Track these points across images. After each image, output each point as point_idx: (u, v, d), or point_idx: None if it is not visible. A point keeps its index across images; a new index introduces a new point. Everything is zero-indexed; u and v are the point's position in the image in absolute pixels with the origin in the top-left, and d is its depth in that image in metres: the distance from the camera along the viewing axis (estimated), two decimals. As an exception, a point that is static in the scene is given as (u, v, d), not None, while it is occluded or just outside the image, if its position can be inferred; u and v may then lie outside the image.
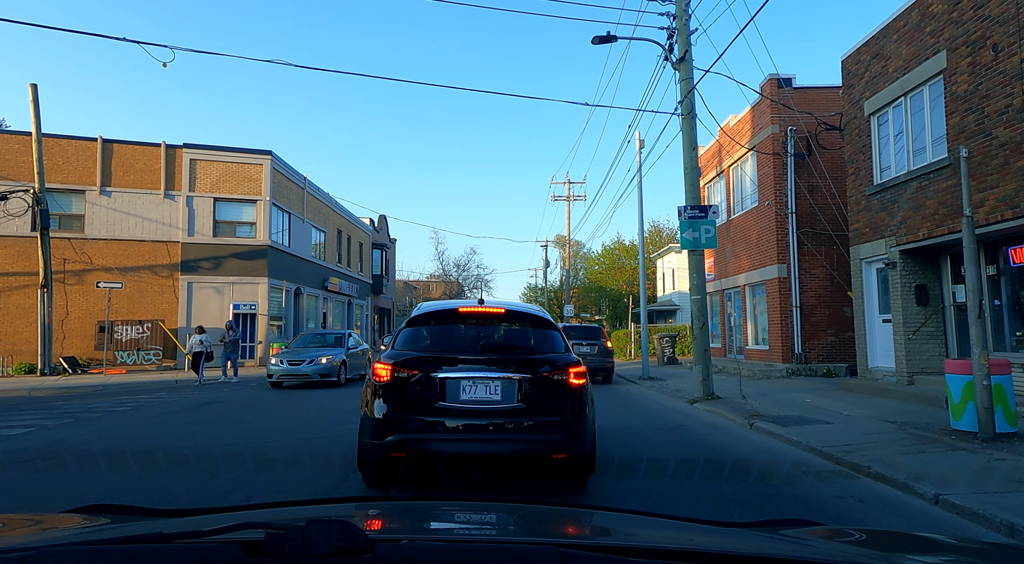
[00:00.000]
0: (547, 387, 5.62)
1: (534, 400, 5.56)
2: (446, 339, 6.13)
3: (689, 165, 14.27)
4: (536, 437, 5.52)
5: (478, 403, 5.50)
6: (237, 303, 25.24)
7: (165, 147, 24.95)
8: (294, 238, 29.63)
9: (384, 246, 48.30)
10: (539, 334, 6.25)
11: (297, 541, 1.10)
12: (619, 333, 33.79)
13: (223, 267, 25.61)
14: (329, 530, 1.11)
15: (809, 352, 17.67)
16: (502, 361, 5.66)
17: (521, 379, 5.57)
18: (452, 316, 6.26)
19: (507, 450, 5.60)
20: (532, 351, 6.02)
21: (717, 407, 12.35)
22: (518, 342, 6.24)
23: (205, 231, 25.41)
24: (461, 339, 6.14)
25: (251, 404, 13.55)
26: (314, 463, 7.38)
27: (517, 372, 5.59)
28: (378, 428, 5.49)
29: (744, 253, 20.34)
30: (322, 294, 33.79)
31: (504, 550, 1.25)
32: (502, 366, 5.62)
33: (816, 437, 8.51)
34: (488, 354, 5.72)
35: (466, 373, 5.54)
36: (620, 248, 59.35)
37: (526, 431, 5.49)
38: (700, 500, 5.77)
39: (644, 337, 20.42)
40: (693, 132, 14.28)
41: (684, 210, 14.11)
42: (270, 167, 26.43)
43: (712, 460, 7.58)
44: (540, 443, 5.54)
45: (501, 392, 5.54)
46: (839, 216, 17.63)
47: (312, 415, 11.72)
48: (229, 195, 25.88)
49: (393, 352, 5.80)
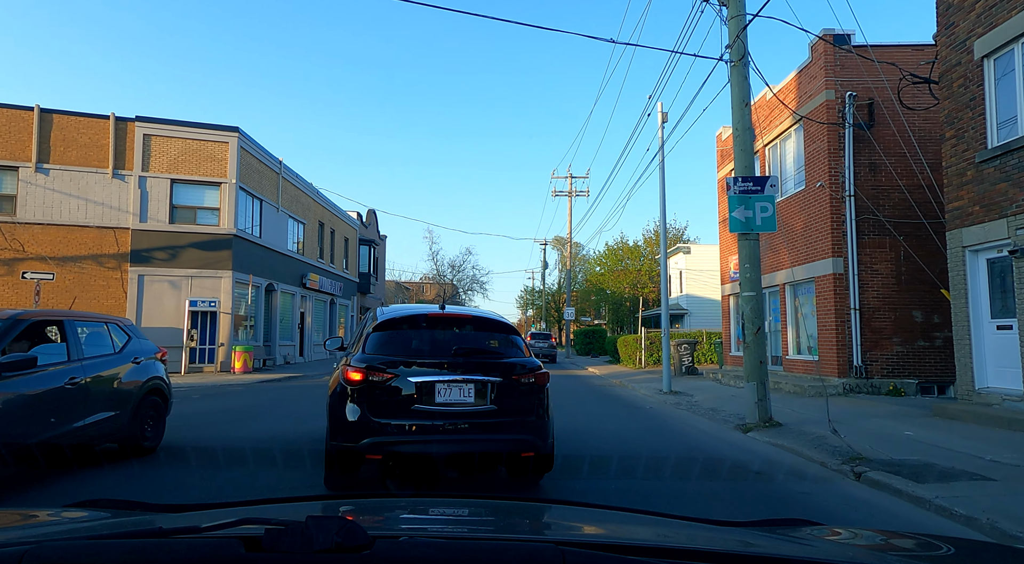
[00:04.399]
0: (516, 389, 5.90)
1: (505, 402, 5.81)
2: (416, 344, 6.15)
3: (740, 125, 11.19)
4: (508, 437, 5.78)
5: (453, 405, 5.69)
6: (194, 300, 22.04)
7: (114, 120, 21.77)
8: (267, 228, 26.46)
9: (372, 242, 45.13)
10: (503, 339, 6.41)
11: (296, 537, 1.10)
12: (627, 339, 30.63)
13: (181, 258, 22.42)
14: (328, 526, 1.10)
15: (870, 365, 14.56)
16: (474, 365, 5.85)
17: (492, 382, 5.79)
18: (420, 321, 6.32)
19: (482, 449, 5.76)
20: (500, 355, 6.18)
21: (783, 439, 9.23)
22: (486, 346, 6.30)
23: (160, 217, 22.22)
24: (431, 344, 6.14)
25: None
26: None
27: (488, 375, 5.80)
28: (352, 431, 5.57)
29: (784, 246, 17.25)
30: (299, 292, 30.60)
31: (503, 547, 1.23)
32: (474, 370, 5.81)
33: (992, 506, 5.39)
34: (461, 358, 5.88)
35: (441, 376, 5.70)
36: (624, 248, 56.27)
37: (499, 431, 5.75)
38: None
39: (666, 344, 17.32)
40: (745, 84, 11.21)
41: (733, 183, 11.03)
42: (237, 146, 23.27)
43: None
44: (512, 442, 5.82)
45: (474, 394, 5.75)
46: (909, 200, 14.54)
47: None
48: (189, 176, 22.70)
49: (364, 356, 5.82)
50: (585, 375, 25.60)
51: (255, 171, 25.22)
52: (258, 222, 25.74)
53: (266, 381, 19.55)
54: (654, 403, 15.22)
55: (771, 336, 18.82)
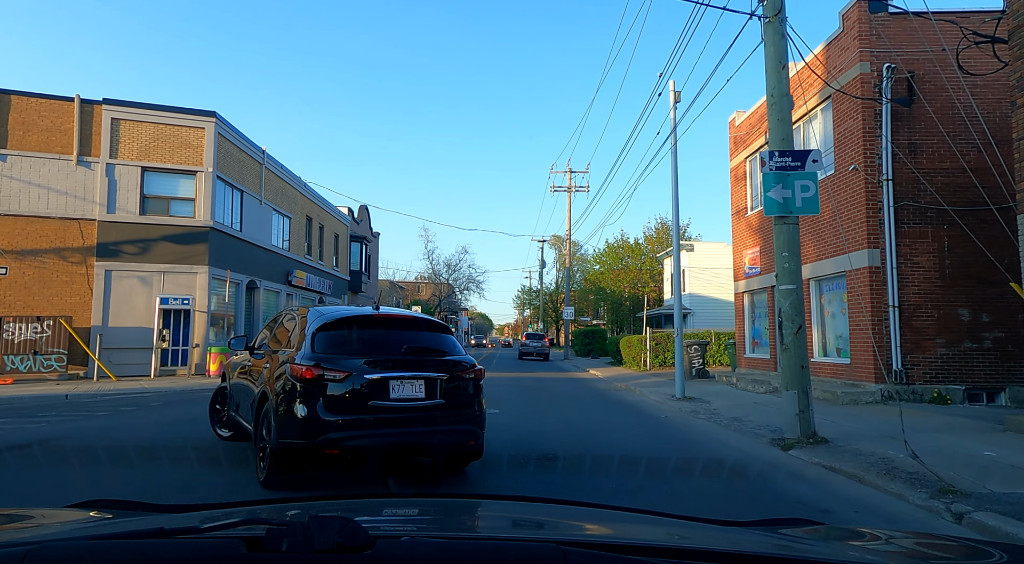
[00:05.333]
0: (460, 385, 6.36)
1: (451, 396, 6.24)
2: (365, 343, 6.32)
3: (777, 91, 9.63)
4: (456, 428, 6.23)
5: (406, 400, 5.98)
6: (165, 297, 20.39)
7: (79, 102, 20.11)
8: (248, 221, 24.83)
9: (364, 239, 43.49)
10: (442, 338, 6.71)
11: (298, 537, 1.09)
12: (631, 339, 29.03)
13: (152, 252, 20.77)
14: (330, 526, 1.10)
15: (911, 369, 13.00)
16: (423, 362, 6.21)
17: (440, 378, 6.19)
18: (366, 322, 6.53)
19: (434, 441, 6.08)
20: (445, 352, 6.50)
21: (837, 461, 7.66)
22: (432, 345, 6.52)
23: (130, 207, 20.56)
24: (379, 343, 6.33)
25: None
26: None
27: (437, 372, 6.19)
28: (308, 428, 5.65)
29: (810, 237, 15.69)
30: (285, 289, 28.97)
31: (504, 547, 1.23)
32: (424, 367, 6.16)
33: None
34: (411, 356, 6.19)
35: (394, 374, 5.97)
36: (625, 246, 54.64)
37: (448, 423, 6.16)
38: None
39: (679, 346, 15.73)
40: (782, 43, 9.66)
41: (769, 158, 9.46)
42: (214, 132, 21.63)
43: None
44: (460, 433, 6.25)
45: (425, 390, 6.09)
46: (955, 184, 13.01)
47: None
48: (161, 164, 21.05)
49: (316, 355, 5.94)
50: (587, 378, 24.02)
51: (235, 160, 23.58)
52: (238, 215, 24.11)
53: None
54: (668, 411, 13.64)
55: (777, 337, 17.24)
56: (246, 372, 7.47)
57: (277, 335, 7.17)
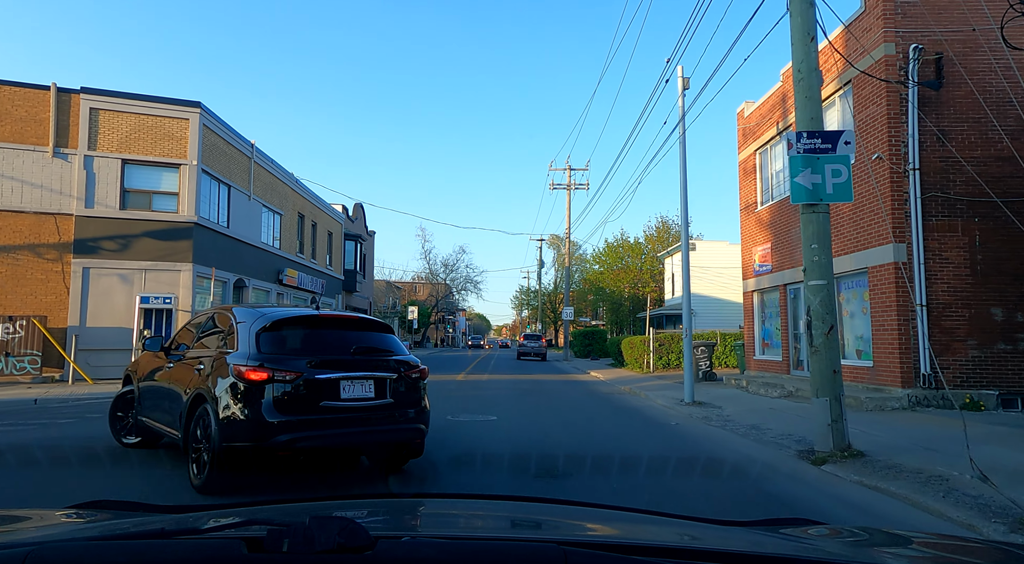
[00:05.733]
0: (407, 384, 6.47)
1: (400, 395, 6.35)
2: (312, 343, 6.24)
3: (805, 66, 8.70)
4: (405, 426, 6.37)
5: (357, 400, 6.03)
6: (147, 296, 19.41)
7: (56, 91, 19.13)
8: (236, 217, 23.86)
9: (359, 237, 42.52)
10: (389, 339, 6.80)
11: (299, 538, 1.09)
12: (633, 340, 28.07)
13: (133, 249, 19.80)
14: (330, 527, 1.10)
15: (940, 372, 12.07)
16: (373, 363, 6.29)
17: (390, 378, 6.30)
18: (311, 321, 6.57)
19: (386, 439, 6.31)
20: (392, 352, 6.61)
21: (882, 480, 6.73)
22: (379, 345, 6.59)
23: (109, 202, 19.59)
24: (327, 343, 6.28)
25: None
26: None
27: (386, 372, 6.30)
28: (257, 429, 5.58)
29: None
30: (275, 288, 28.00)
31: (505, 547, 1.23)
32: (373, 367, 6.25)
33: None
34: (360, 356, 6.25)
35: (345, 374, 5.99)
36: (624, 245, 53.69)
37: (398, 422, 6.29)
38: None
39: (688, 347, 14.78)
40: (810, 12, 8.73)
41: (796, 139, 8.53)
42: (199, 123, 20.66)
43: None
44: (408, 432, 6.41)
45: (375, 390, 6.17)
46: (988, 174, 12.10)
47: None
48: (143, 156, 20.07)
49: (263, 355, 5.85)
50: (588, 380, 23.07)
51: (221, 153, 22.61)
52: (225, 210, 23.13)
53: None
54: (678, 417, 12.71)
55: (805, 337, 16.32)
56: (166, 375, 7.20)
57: (204, 336, 6.98)
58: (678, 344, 26.04)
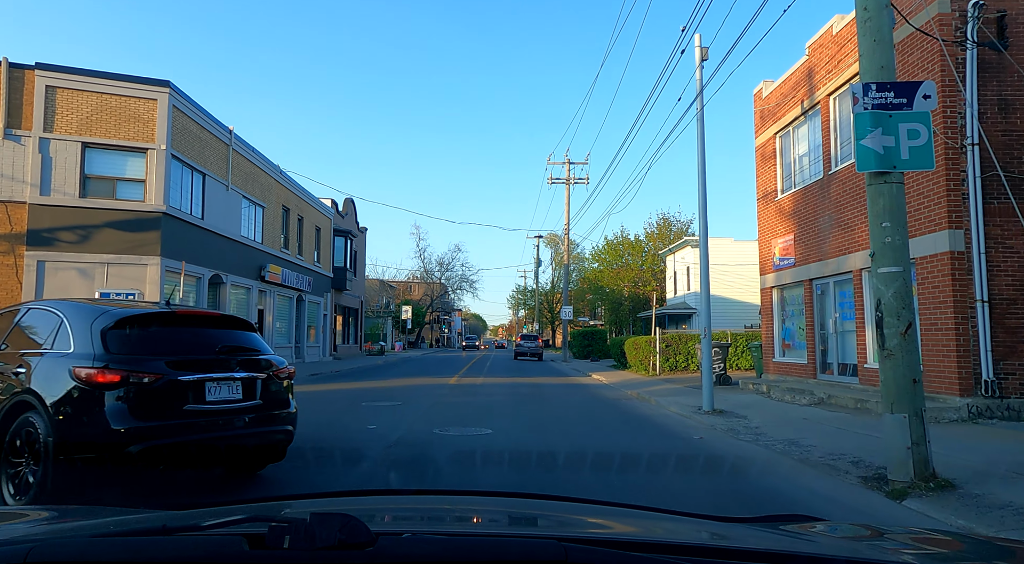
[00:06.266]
0: (276, 385, 6.23)
1: (269, 397, 6.09)
2: (170, 341, 5.80)
3: (873, 2, 7.04)
4: (276, 428, 6.14)
5: (224, 403, 5.68)
6: (107, 292, 17.70)
7: (7, 66, 17.41)
8: (212, 209, 22.15)
9: (350, 234, 40.82)
10: (253, 337, 6.45)
11: (299, 534, 1.09)
12: (637, 341, 26.41)
13: (95, 240, 18.09)
14: (331, 523, 1.10)
15: (1005, 379, 10.46)
16: (240, 363, 5.92)
17: (259, 378, 6.00)
18: (167, 319, 6.06)
19: (255, 442, 5.99)
20: (258, 352, 6.28)
21: (994, 523, 5.09)
22: (244, 344, 6.23)
23: (68, 189, 17.87)
24: (186, 342, 5.88)
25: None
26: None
27: (254, 372, 5.98)
28: (105, 439, 5.10)
29: (863, 220, 13.17)
30: (257, 285, 26.29)
31: (506, 543, 1.23)
32: (241, 367, 5.89)
33: None
34: (225, 356, 5.86)
35: (210, 375, 5.64)
36: (625, 243, 52.06)
37: (267, 424, 6.03)
38: None
39: (707, 350, 13.13)
40: (878, -63, 7.08)
41: (863, 93, 6.88)
42: (168, 104, 18.96)
43: None
44: (278, 433, 6.18)
45: (243, 391, 5.85)
46: (1060, 148, 10.48)
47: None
48: (106, 140, 18.36)
49: (110, 355, 5.34)
50: (591, 384, 21.42)
51: (195, 138, 20.89)
52: (200, 200, 21.42)
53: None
54: (699, 429, 11.07)
55: (839, 338, 14.71)
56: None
57: (19, 333, 6.23)
58: (686, 345, 24.42)
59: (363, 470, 7.22)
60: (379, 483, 6.56)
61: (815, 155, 15.38)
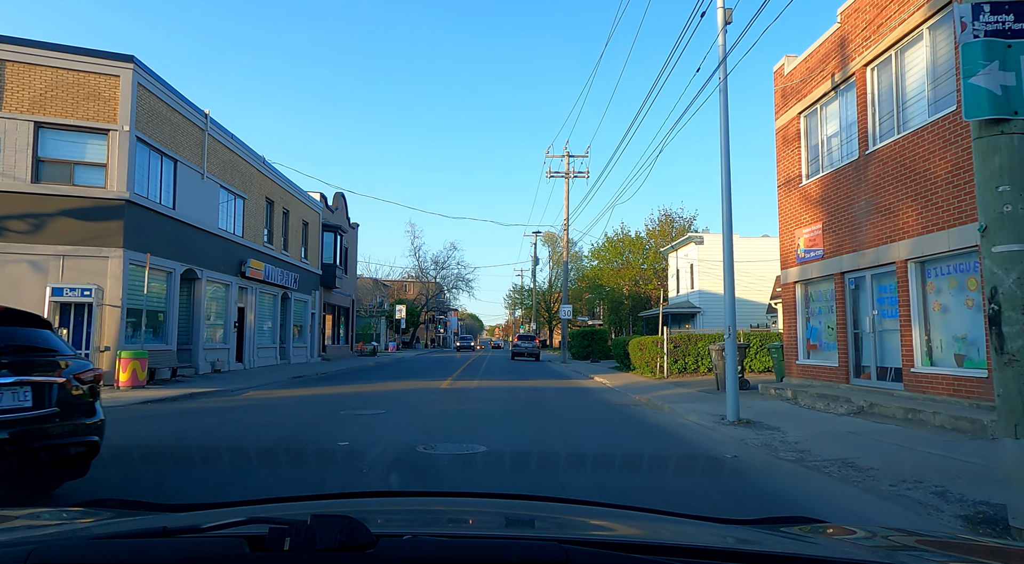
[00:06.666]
0: (78, 390, 5.56)
1: (67, 404, 5.42)
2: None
3: (981, -100, 5.42)
4: (76, 440, 5.44)
5: (11, 412, 4.98)
6: (59, 287, 16.02)
7: (-49, 36, 15.74)
8: (185, 198, 20.48)
9: (340, 229, 39.16)
10: (47, 335, 5.73)
11: (300, 536, 1.08)
12: (643, 341, 24.78)
13: (49, 230, 16.42)
14: (332, 525, 1.09)
15: (1092, 386, 8.84)
16: (28, 364, 5.22)
17: (54, 383, 5.33)
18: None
19: (50, 458, 5.28)
20: (54, 352, 5.61)
21: None
22: (35, 343, 5.52)
23: (18, 173, 16.19)
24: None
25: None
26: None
27: (49, 376, 5.33)
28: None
29: (910, 204, 11.59)
30: (236, 281, 24.62)
31: (506, 545, 1.22)
32: (30, 370, 5.18)
33: None
34: (12, 357, 5.14)
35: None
36: (625, 240, 50.49)
37: (66, 435, 5.36)
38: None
39: (731, 351, 11.53)
40: None
41: (972, 17, 5.32)
42: (132, 81, 17.30)
43: None
44: (79, 446, 5.47)
45: (33, 398, 5.16)
46: None
47: None
48: (62, 120, 16.69)
49: None
50: (594, 387, 19.80)
51: (164, 121, 19.22)
52: (171, 188, 19.75)
53: (147, 402, 13.59)
54: (728, 444, 9.45)
55: (877, 338, 13.11)
56: None
57: None
58: (695, 345, 22.81)
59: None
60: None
61: (848, 134, 13.79)
